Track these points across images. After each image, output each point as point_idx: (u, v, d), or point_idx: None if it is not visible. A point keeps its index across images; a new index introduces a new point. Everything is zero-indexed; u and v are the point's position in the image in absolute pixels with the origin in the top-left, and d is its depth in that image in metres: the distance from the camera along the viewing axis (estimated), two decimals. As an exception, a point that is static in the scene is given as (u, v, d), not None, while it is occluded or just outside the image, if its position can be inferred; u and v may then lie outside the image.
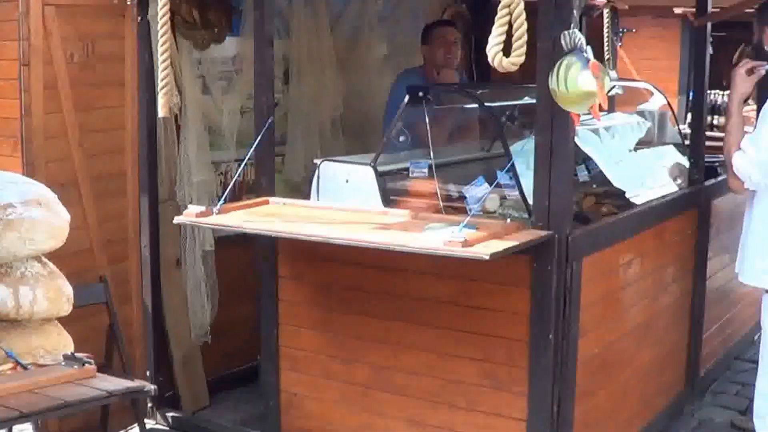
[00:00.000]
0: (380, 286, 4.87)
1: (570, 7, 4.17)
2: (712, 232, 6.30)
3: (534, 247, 4.28)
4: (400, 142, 5.42)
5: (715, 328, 6.70)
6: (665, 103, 7.67)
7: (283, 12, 6.89)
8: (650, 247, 5.43)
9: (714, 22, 8.28)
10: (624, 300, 5.20)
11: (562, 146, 4.28)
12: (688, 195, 6.14)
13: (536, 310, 4.41)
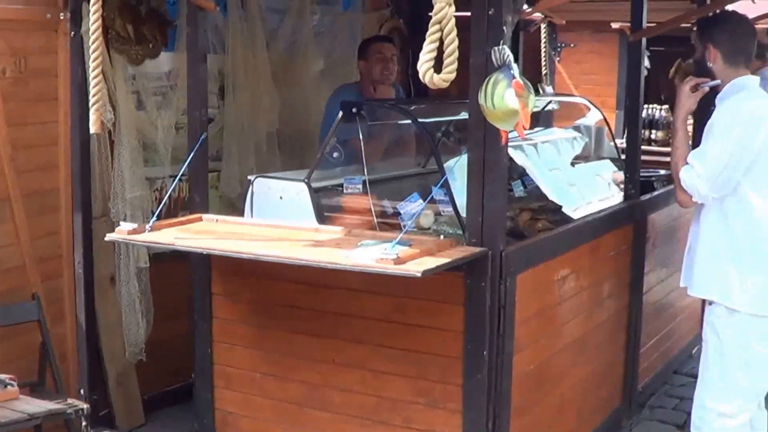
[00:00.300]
0: (314, 303, 4.83)
1: (501, 23, 4.15)
2: (648, 246, 6.32)
3: (468, 264, 4.26)
4: (334, 158, 5.39)
5: (652, 342, 6.72)
6: (601, 118, 7.71)
7: (219, 27, 6.86)
8: (586, 262, 5.43)
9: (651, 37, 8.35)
10: (560, 315, 5.19)
11: (495, 162, 4.27)
12: (624, 209, 6.15)
13: (470, 327, 4.38)
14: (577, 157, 7.55)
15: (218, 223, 5.05)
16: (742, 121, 4.85)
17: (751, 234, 4.90)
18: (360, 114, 5.26)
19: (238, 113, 6.97)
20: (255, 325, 5.08)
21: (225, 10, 6.86)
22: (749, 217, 4.88)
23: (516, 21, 4.41)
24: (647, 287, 6.37)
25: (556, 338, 5.19)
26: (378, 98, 6.52)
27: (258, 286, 5.02)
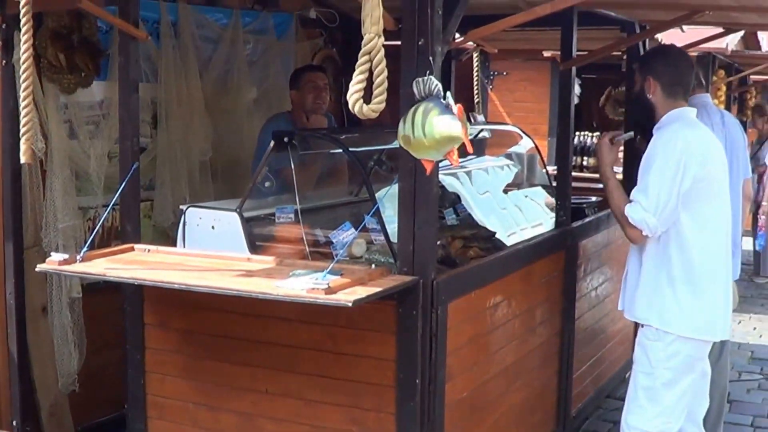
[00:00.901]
0: (246, 333, 4.81)
1: (431, 53, 4.19)
2: (580, 272, 6.37)
3: (399, 293, 4.27)
4: (266, 188, 5.41)
5: (585, 367, 6.77)
6: (533, 146, 7.79)
7: (152, 56, 6.85)
8: (518, 289, 5.47)
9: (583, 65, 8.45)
10: (492, 342, 5.22)
11: (425, 191, 4.29)
12: (556, 236, 6.22)
13: (402, 356, 4.39)
14: (510, 184, 7.63)
15: (150, 252, 5.02)
16: (677, 151, 4.93)
17: (687, 260, 5.00)
18: (291, 143, 5.28)
19: (171, 142, 6.94)
20: (188, 355, 5.04)
21: (158, 39, 6.85)
22: (684, 244, 4.97)
23: (446, 50, 4.45)
24: (579, 313, 6.42)
25: (488, 365, 5.21)
26: (310, 127, 6.54)
27: (190, 316, 4.99)
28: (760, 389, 8.56)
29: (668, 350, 5.03)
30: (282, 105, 7.27)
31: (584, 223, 6.74)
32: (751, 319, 10.78)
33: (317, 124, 6.66)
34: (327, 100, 6.79)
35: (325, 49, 8.49)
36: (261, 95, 7.80)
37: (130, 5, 5.07)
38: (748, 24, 8.29)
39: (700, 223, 5.00)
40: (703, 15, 6.09)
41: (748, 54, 12.89)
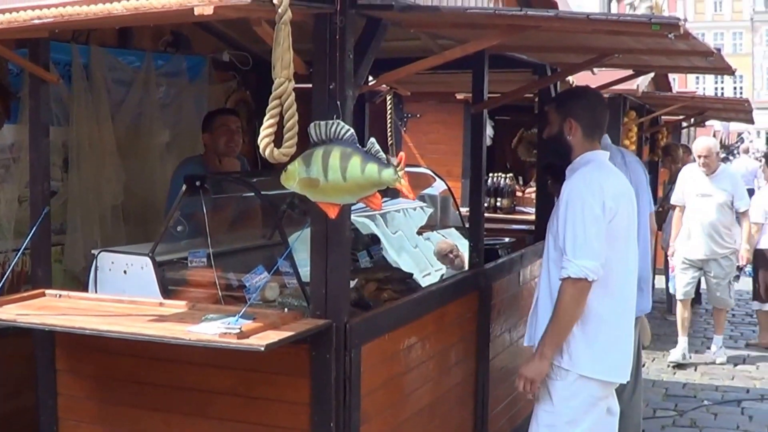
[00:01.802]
0: (159, 378, 4.77)
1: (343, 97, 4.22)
2: (494, 313, 6.41)
3: (312, 336, 4.28)
4: (178, 232, 5.39)
5: (501, 406, 6.81)
6: (446, 188, 7.85)
7: (64, 98, 6.79)
8: (432, 330, 5.49)
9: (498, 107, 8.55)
10: (407, 384, 5.23)
11: (337, 234, 4.31)
12: (469, 278, 6.26)
13: (316, 399, 4.39)
14: (424, 226, 7.67)
15: (61, 298, 4.97)
16: (596, 192, 4.99)
17: (595, 300, 5.03)
18: (203, 187, 5.28)
19: (83, 186, 6.88)
20: (101, 401, 4.99)
21: (69, 82, 6.80)
22: (593, 284, 4.99)
23: (357, 94, 4.48)
24: (494, 353, 6.46)
25: (404, 407, 5.21)
26: (222, 171, 6.53)
27: (102, 362, 4.94)
28: (675, 426, 8.68)
29: (571, 389, 5.07)
30: (195, 148, 7.24)
31: (497, 264, 6.78)
32: (665, 357, 10.89)
33: (230, 168, 6.65)
34: (240, 143, 6.78)
35: (239, 92, 8.49)
36: (174, 138, 7.75)
37: (40, 48, 5.02)
38: (657, 66, 8.42)
39: (610, 264, 5.05)
40: (613, 58, 6.19)
41: (658, 95, 13.10)
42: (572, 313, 4.99)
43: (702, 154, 11.00)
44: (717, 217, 10.95)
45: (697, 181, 11.13)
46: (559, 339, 5.03)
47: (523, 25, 4.59)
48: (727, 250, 11.12)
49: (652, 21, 4.26)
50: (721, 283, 11.20)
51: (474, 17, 4.74)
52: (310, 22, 4.24)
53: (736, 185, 11.19)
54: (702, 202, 11.01)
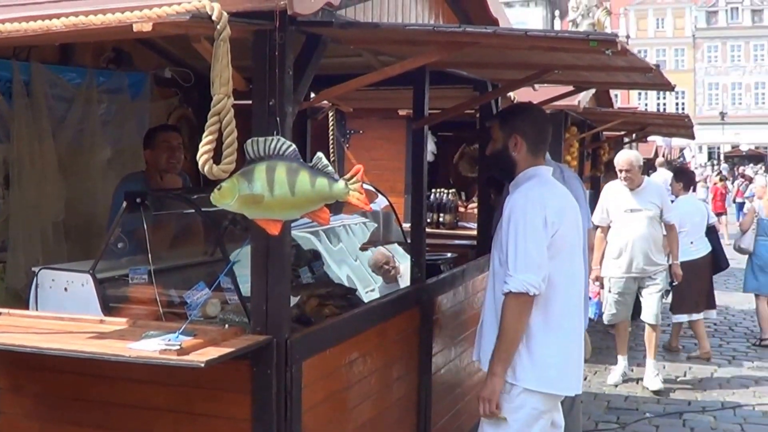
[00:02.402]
0: (101, 395, 4.73)
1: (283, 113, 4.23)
2: (435, 328, 6.43)
3: (253, 352, 4.27)
4: (119, 249, 5.37)
5: (444, 421, 6.82)
6: (388, 204, 7.88)
7: (4, 116, 6.77)
8: (374, 345, 5.50)
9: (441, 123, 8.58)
10: (349, 399, 5.23)
11: (278, 250, 4.32)
12: (411, 293, 6.28)
13: (258, 415, 4.38)
14: (367, 242, 7.69)
15: (2, 316, 4.94)
16: (538, 207, 5.03)
17: (541, 314, 5.07)
18: (144, 204, 5.27)
19: (24, 203, 6.85)
20: (42, 419, 4.94)
21: (10, 99, 6.78)
22: (539, 298, 4.99)
23: (297, 110, 4.49)
24: (436, 368, 6.47)
25: (346, 422, 5.22)
26: (163, 187, 6.52)
27: (44, 380, 4.90)
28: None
29: (515, 402, 5.09)
30: (137, 165, 7.23)
31: (439, 279, 6.81)
32: (606, 370, 10.97)
33: (171, 184, 6.64)
34: (181, 159, 6.77)
35: (181, 109, 8.47)
36: (115, 155, 7.74)
37: (-22, 65, 5.01)
38: (597, 82, 8.51)
39: (552, 279, 5.09)
40: (553, 74, 6.24)
41: (600, 111, 13.22)
42: (516, 327, 5.01)
43: (623, 168, 10.47)
44: (648, 232, 10.48)
45: (622, 197, 10.62)
46: (508, 354, 5.05)
47: (462, 41, 4.63)
48: (659, 266, 10.68)
49: (590, 37, 4.32)
50: (654, 300, 10.70)
51: (413, 34, 4.78)
52: (251, 39, 4.26)
53: (663, 197, 10.76)
54: (630, 218, 10.51)
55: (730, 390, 10.71)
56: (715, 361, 12.10)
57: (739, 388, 10.77)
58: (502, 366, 5.04)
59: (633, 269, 10.58)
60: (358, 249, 7.71)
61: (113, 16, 3.67)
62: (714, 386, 10.87)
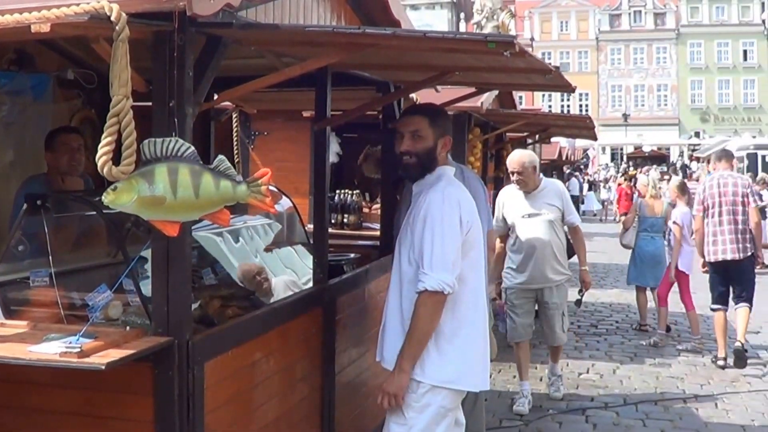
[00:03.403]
0: (3, 399, 4.68)
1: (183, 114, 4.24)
2: (338, 328, 6.45)
3: (155, 354, 4.27)
4: (20, 252, 5.33)
5: (348, 420, 6.85)
6: (292, 205, 7.89)
7: None
8: (277, 346, 5.52)
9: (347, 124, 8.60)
10: (252, 400, 5.25)
11: (178, 252, 4.32)
12: (313, 293, 6.31)
13: (160, 418, 4.38)
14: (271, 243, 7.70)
15: None
16: (453, 206, 5.12)
17: (448, 312, 5.13)
18: (45, 206, 5.24)
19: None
20: (-60, 426, 4.91)
21: None
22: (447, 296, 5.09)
23: (197, 111, 4.50)
24: (340, 367, 6.50)
25: (249, 423, 5.23)
26: (65, 189, 6.47)
27: (-57, 385, 4.86)
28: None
29: (422, 401, 5.15)
30: (39, 167, 7.14)
31: (342, 279, 6.85)
32: (510, 368, 11.06)
33: (73, 186, 6.60)
34: (82, 161, 6.72)
35: (84, 110, 8.39)
36: (18, 157, 7.65)
37: None
38: (499, 84, 8.62)
39: (462, 277, 5.15)
40: (454, 75, 6.31)
41: (502, 112, 13.35)
42: (429, 325, 5.08)
43: (515, 169, 9.61)
44: (548, 238, 9.60)
45: (517, 202, 9.73)
46: (417, 351, 5.11)
47: (361, 42, 4.67)
48: (562, 276, 9.83)
49: (488, 39, 4.39)
50: (556, 314, 9.84)
51: (312, 35, 4.81)
52: (151, 40, 4.25)
53: (563, 198, 9.82)
54: (528, 223, 9.63)
55: (632, 386, 10.92)
56: (618, 358, 12.37)
57: (641, 384, 11.00)
58: (410, 363, 5.10)
59: (533, 280, 9.71)
60: (263, 250, 7.71)
61: (11, 17, 3.65)
62: (616, 383, 11.08)
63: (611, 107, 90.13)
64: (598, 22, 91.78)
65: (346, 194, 11.44)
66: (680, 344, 13.20)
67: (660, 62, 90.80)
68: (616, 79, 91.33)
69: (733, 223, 11.73)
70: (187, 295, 4.47)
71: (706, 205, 12.01)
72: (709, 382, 11.15)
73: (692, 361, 12.28)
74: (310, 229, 7.40)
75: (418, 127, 5.39)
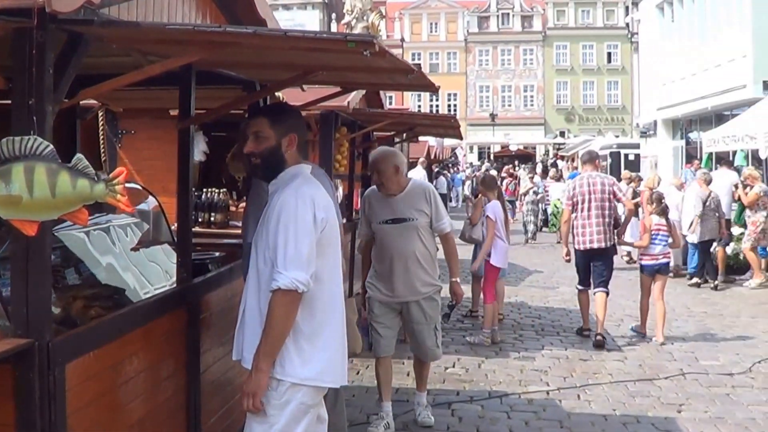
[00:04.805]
0: None
1: (43, 112, 4.18)
2: (203, 327, 6.43)
3: (14, 356, 4.21)
4: None
5: (215, 419, 6.83)
6: (157, 203, 7.85)
7: None
8: (141, 346, 5.48)
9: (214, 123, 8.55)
10: (117, 400, 5.21)
11: (38, 252, 4.25)
12: (177, 293, 6.29)
13: (21, 421, 4.32)
14: (137, 242, 7.64)
15: None
16: (308, 204, 5.12)
17: (305, 310, 5.15)
18: None
19: None
20: None
21: None
22: (303, 294, 5.11)
23: (57, 109, 4.44)
24: (205, 366, 6.48)
25: (114, 423, 5.18)
26: None
27: None
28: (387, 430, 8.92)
29: (282, 398, 5.16)
30: None
31: (206, 278, 6.83)
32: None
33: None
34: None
35: None
36: None
37: None
38: (364, 83, 8.66)
39: (318, 275, 5.18)
40: (318, 75, 6.33)
41: (369, 111, 13.42)
42: (284, 324, 5.08)
43: (372, 169, 8.79)
44: (414, 247, 8.70)
45: (381, 205, 8.76)
46: (273, 350, 5.11)
47: (222, 41, 4.68)
48: (431, 287, 8.91)
49: (348, 39, 4.43)
50: (426, 329, 8.94)
51: (173, 33, 4.79)
52: (11, 37, 4.19)
53: (432, 202, 8.79)
54: (391, 230, 8.69)
55: (497, 379, 11.15)
56: (483, 352, 12.57)
57: (506, 378, 11.21)
58: (267, 362, 5.10)
59: (397, 292, 8.82)
60: (130, 250, 7.65)
61: None
62: (482, 376, 11.28)
63: (479, 107, 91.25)
64: (467, 23, 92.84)
65: (213, 193, 11.41)
66: (471, 336, 13.56)
67: (527, 63, 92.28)
68: (484, 79, 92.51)
69: (601, 216, 13.34)
70: (47, 295, 4.41)
71: (575, 201, 13.55)
72: (572, 375, 11.45)
73: (556, 355, 12.58)
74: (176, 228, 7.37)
75: (259, 128, 5.40)
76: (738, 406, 10.04)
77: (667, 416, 9.58)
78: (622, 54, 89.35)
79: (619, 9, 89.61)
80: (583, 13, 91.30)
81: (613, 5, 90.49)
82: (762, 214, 18.89)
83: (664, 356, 12.58)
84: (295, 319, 5.13)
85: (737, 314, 16.04)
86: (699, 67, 39.12)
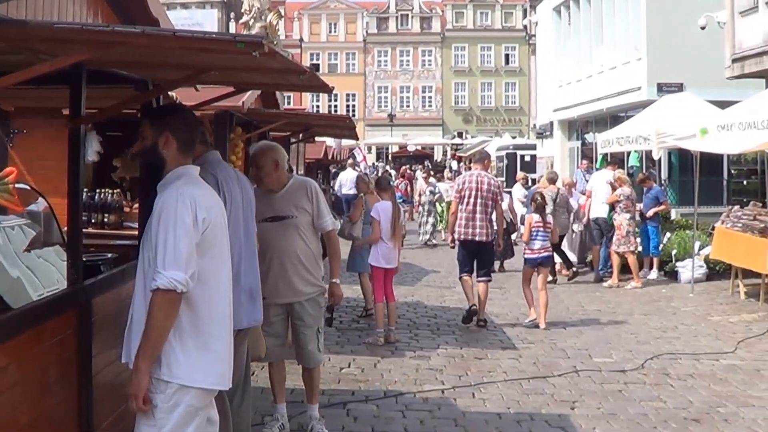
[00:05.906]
0: None
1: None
2: (95, 330, 6.35)
3: None
4: None
5: (108, 422, 6.75)
6: (47, 204, 7.75)
7: None
8: (28, 350, 5.38)
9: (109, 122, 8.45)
10: (4, 406, 5.11)
11: None
12: (67, 295, 6.18)
13: None
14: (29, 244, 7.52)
15: None
16: (188, 205, 5.13)
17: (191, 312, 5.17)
18: None
19: None
20: None
21: None
22: (188, 296, 5.13)
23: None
24: (96, 370, 6.39)
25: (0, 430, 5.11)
26: None
27: None
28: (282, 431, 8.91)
29: (171, 401, 5.16)
30: None
31: (98, 279, 6.74)
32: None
33: None
34: None
35: None
36: None
37: None
38: (258, 83, 8.65)
39: (202, 276, 5.18)
40: (211, 74, 6.31)
41: (264, 112, 13.42)
42: (163, 324, 5.08)
43: (251, 163, 8.62)
44: (295, 246, 8.55)
45: (261, 202, 8.19)
46: (153, 351, 5.09)
47: (110, 40, 4.65)
48: (315, 288, 8.75)
49: (237, 39, 4.44)
50: (309, 332, 8.75)
51: (60, 32, 4.75)
52: None
53: (314, 199, 8.64)
54: (271, 228, 8.48)
55: (392, 379, 11.24)
56: (379, 352, 12.65)
57: (401, 377, 11.31)
58: (147, 363, 5.09)
59: (279, 293, 8.60)
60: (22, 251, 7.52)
61: None
62: (377, 376, 11.36)
63: (377, 108, 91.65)
64: (366, 24, 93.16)
65: (107, 193, 11.28)
66: (368, 336, 13.68)
67: (425, 65, 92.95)
68: (383, 80, 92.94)
69: (484, 213, 14.75)
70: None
71: (462, 195, 14.90)
72: (467, 373, 11.58)
73: (451, 353, 12.72)
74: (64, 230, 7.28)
75: (142, 128, 5.53)
76: (630, 402, 10.26)
77: (561, 413, 9.75)
78: (519, 56, 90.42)
79: (517, 11, 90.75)
80: (482, 15, 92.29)
81: (511, 8, 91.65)
82: (625, 216, 19.67)
83: (557, 354, 12.81)
84: (175, 320, 5.14)
85: (630, 312, 16.40)
86: (595, 69, 39.78)
